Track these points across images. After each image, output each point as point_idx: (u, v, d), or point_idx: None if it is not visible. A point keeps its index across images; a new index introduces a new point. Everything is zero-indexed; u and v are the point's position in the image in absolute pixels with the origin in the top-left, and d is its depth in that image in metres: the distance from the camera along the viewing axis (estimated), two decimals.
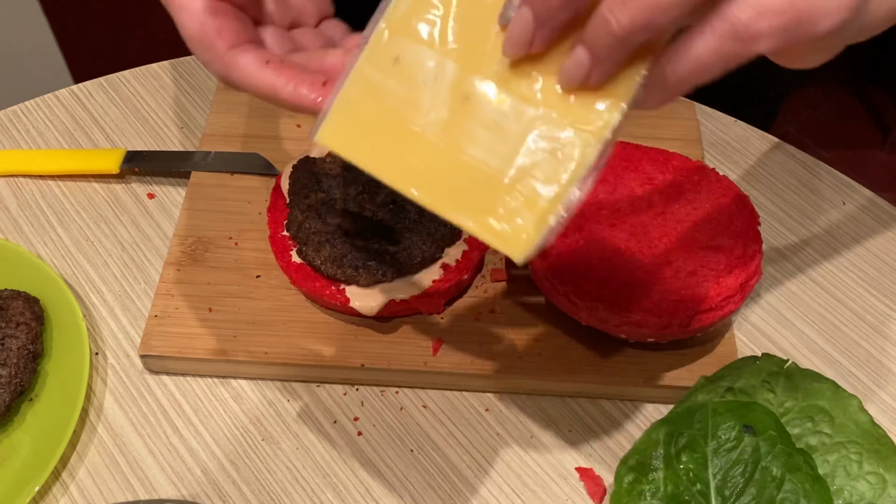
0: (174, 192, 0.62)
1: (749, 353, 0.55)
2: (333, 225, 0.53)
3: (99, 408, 0.53)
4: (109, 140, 0.65)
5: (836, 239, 0.61)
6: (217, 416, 0.52)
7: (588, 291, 0.50)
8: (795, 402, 0.49)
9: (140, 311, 0.56)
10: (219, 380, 0.54)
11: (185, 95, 0.68)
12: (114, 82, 0.68)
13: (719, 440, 0.47)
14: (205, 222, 0.58)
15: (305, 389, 0.53)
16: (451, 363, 0.53)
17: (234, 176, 0.61)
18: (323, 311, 0.55)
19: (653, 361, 0.53)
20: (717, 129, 0.67)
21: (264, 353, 0.53)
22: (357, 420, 0.52)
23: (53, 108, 0.67)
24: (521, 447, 0.52)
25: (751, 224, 0.53)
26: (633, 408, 0.53)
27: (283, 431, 0.52)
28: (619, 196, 0.55)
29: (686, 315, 0.49)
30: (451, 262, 0.54)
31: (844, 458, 0.48)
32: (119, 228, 0.60)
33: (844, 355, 0.55)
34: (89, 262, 0.58)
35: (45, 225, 0.60)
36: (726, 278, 0.51)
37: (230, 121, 0.64)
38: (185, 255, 0.57)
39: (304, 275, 0.53)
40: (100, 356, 0.55)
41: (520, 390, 0.53)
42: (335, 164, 0.56)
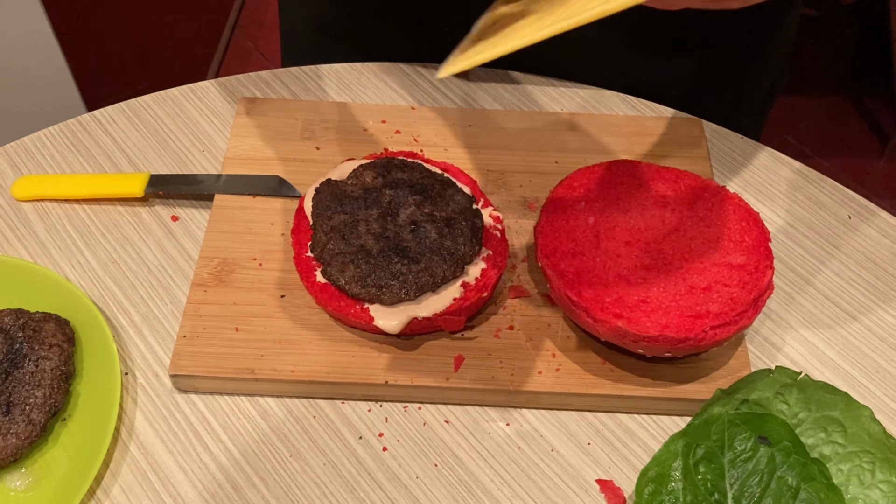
0: (197, 214, 0.64)
1: (761, 365, 0.57)
2: (356, 246, 0.55)
3: (130, 426, 0.54)
4: (132, 164, 0.66)
5: (842, 252, 0.63)
6: (245, 433, 0.54)
7: (607, 309, 0.51)
8: (809, 413, 0.51)
9: (167, 331, 0.58)
10: (246, 397, 0.55)
11: (205, 119, 0.69)
12: (134, 107, 0.70)
13: (735, 451, 0.49)
14: (229, 244, 0.60)
15: (331, 406, 0.55)
16: (473, 379, 0.54)
17: (256, 198, 0.63)
18: (347, 329, 0.56)
19: (669, 375, 0.55)
20: (724, 145, 0.69)
21: (291, 370, 0.54)
22: (382, 436, 0.54)
23: (77, 134, 0.68)
24: (542, 460, 0.53)
25: (761, 240, 0.55)
26: (650, 420, 0.55)
27: (310, 447, 0.53)
28: (633, 214, 0.57)
29: (701, 330, 0.51)
30: (471, 280, 0.55)
31: (858, 467, 0.50)
32: (144, 251, 0.62)
33: (855, 366, 0.57)
34: (116, 284, 0.60)
35: (72, 248, 0.62)
36: (739, 294, 0.52)
37: (250, 144, 0.66)
38: (211, 277, 0.58)
39: (328, 295, 0.55)
40: (129, 376, 0.56)
41: (540, 405, 0.55)
42: (357, 186, 0.58)
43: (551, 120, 0.68)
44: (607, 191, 0.58)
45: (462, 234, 0.55)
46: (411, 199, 0.57)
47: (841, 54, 2.04)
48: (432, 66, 0.73)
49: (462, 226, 0.56)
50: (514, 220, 0.62)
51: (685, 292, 0.52)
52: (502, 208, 0.62)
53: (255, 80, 0.72)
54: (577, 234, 0.55)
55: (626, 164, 0.60)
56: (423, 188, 0.57)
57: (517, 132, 0.67)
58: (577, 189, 0.58)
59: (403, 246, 0.55)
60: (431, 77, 0.72)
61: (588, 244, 0.55)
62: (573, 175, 0.59)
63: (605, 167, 0.59)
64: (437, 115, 0.68)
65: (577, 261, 0.54)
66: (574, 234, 0.55)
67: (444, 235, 0.55)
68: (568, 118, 0.68)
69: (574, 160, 0.65)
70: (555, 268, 0.54)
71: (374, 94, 0.71)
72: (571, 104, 0.71)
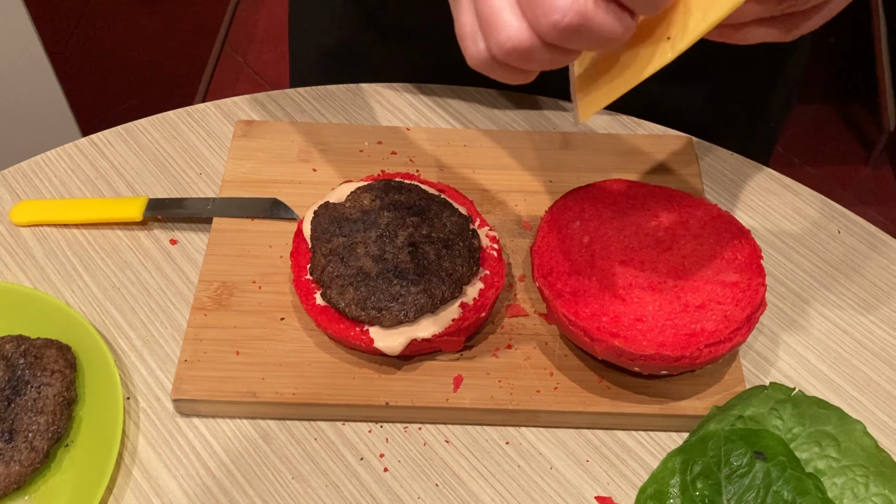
0: (196, 237, 0.64)
1: (755, 380, 0.58)
2: (356, 268, 0.55)
3: (133, 451, 0.54)
4: (130, 188, 0.67)
5: (833, 267, 0.64)
6: (248, 456, 0.54)
7: (603, 328, 0.52)
8: (803, 428, 0.52)
9: (168, 355, 0.58)
10: (248, 420, 0.56)
11: (202, 142, 0.70)
12: (131, 130, 0.71)
13: (732, 466, 0.50)
14: (228, 267, 0.61)
15: (332, 428, 0.55)
16: (472, 399, 0.55)
17: (254, 221, 0.63)
18: (346, 351, 0.57)
19: (665, 392, 0.55)
20: (715, 161, 0.70)
21: (292, 393, 0.55)
22: (383, 456, 0.54)
23: (74, 158, 0.69)
24: (541, 478, 0.54)
25: (753, 258, 0.56)
26: (647, 437, 0.56)
27: (312, 469, 0.54)
28: (627, 234, 0.57)
29: (697, 348, 0.51)
30: (470, 300, 0.56)
31: (851, 480, 0.51)
32: (144, 275, 0.62)
33: (847, 380, 0.58)
34: (116, 309, 0.60)
35: (71, 273, 0.62)
36: (733, 311, 0.53)
37: (248, 167, 0.66)
38: (211, 300, 0.59)
39: (328, 317, 0.55)
40: (131, 400, 0.56)
41: (538, 423, 0.56)
42: (354, 209, 0.58)
43: (545, 139, 0.69)
44: (601, 210, 0.59)
45: (460, 254, 0.56)
46: (409, 221, 0.57)
47: (825, 63, 2.06)
48: (426, 86, 0.74)
49: (459, 247, 0.57)
50: (510, 240, 0.63)
51: (680, 311, 0.53)
52: (498, 227, 0.63)
53: (250, 102, 0.73)
54: (573, 254, 0.56)
55: (619, 184, 0.61)
56: (420, 210, 0.58)
57: (511, 151, 0.68)
58: (572, 208, 0.59)
59: (402, 268, 0.55)
60: (426, 97, 0.73)
61: (584, 263, 0.56)
62: (568, 195, 0.60)
63: (598, 186, 0.60)
64: (433, 135, 0.69)
65: (574, 280, 0.55)
66: (570, 254, 0.56)
67: (441, 257, 0.56)
68: (561, 137, 0.69)
69: (568, 179, 0.66)
70: (552, 288, 0.55)
71: (370, 115, 0.72)
72: (564, 123, 0.72)
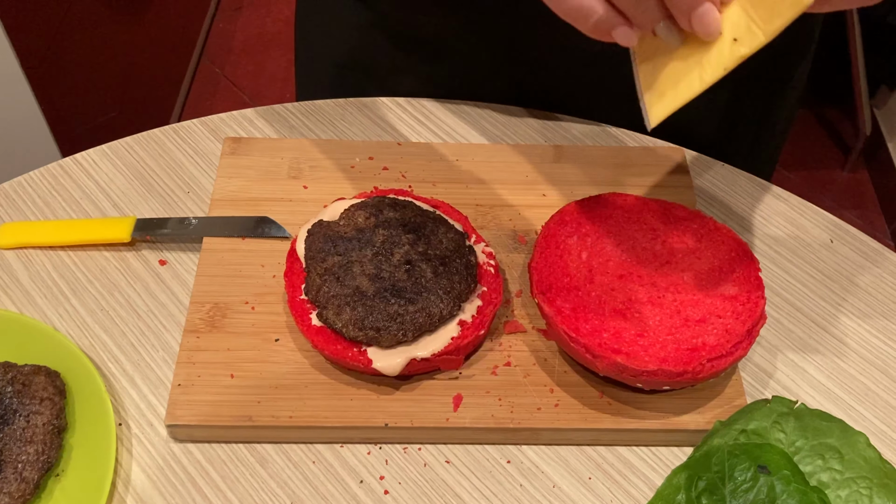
0: (185, 257, 0.63)
1: (756, 393, 0.58)
2: (352, 287, 0.54)
3: (126, 479, 0.53)
4: (117, 207, 0.66)
5: (827, 277, 0.64)
6: (244, 481, 0.53)
7: (605, 344, 0.52)
8: (806, 441, 0.52)
9: (160, 379, 0.57)
10: (244, 445, 0.55)
11: (190, 160, 0.69)
12: (117, 149, 0.69)
13: (736, 481, 0.49)
14: (220, 288, 0.59)
15: (329, 450, 0.54)
16: (472, 418, 0.54)
17: (245, 240, 0.62)
18: (343, 371, 0.56)
19: (666, 407, 0.55)
20: (706, 172, 0.70)
21: (289, 416, 0.54)
22: (383, 479, 0.53)
23: (58, 178, 0.67)
24: (543, 497, 0.53)
25: (751, 270, 0.56)
26: (649, 453, 0.55)
27: (310, 494, 0.53)
28: (624, 248, 0.57)
29: (699, 363, 0.51)
30: (468, 318, 0.55)
31: (855, 493, 0.51)
32: (133, 297, 0.61)
33: (847, 391, 0.58)
34: (106, 332, 0.59)
35: (58, 296, 0.61)
36: (734, 325, 0.53)
37: (237, 185, 0.65)
38: (203, 322, 0.57)
39: (325, 338, 0.54)
40: (123, 427, 0.55)
41: (539, 441, 0.55)
42: (349, 227, 0.57)
43: (537, 153, 0.69)
44: (598, 224, 0.58)
45: (457, 272, 0.56)
46: (404, 239, 0.57)
47: None
48: (416, 100, 0.73)
49: (457, 263, 0.56)
50: (506, 255, 0.62)
51: (681, 325, 0.53)
52: (492, 242, 0.63)
53: (237, 119, 0.72)
54: (571, 270, 0.56)
55: (614, 197, 0.60)
56: (415, 227, 0.57)
57: (504, 165, 0.68)
58: (569, 224, 0.58)
59: (399, 286, 0.54)
60: (415, 111, 0.73)
61: (582, 279, 0.55)
62: (564, 210, 0.59)
63: (594, 201, 0.60)
64: (424, 150, 0.68)
65: (573, 296, 0.55)
66: (568, 270, 0.56)
67: (439, 274, 0.55)
68: (553, 151, 0.69)
69: (561, 192, 0.66)
70: (551, 304, 0.54)
71: (360, 131, 0.71)
72: (555, 136, 0.71)
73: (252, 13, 2.24)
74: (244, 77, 2.10)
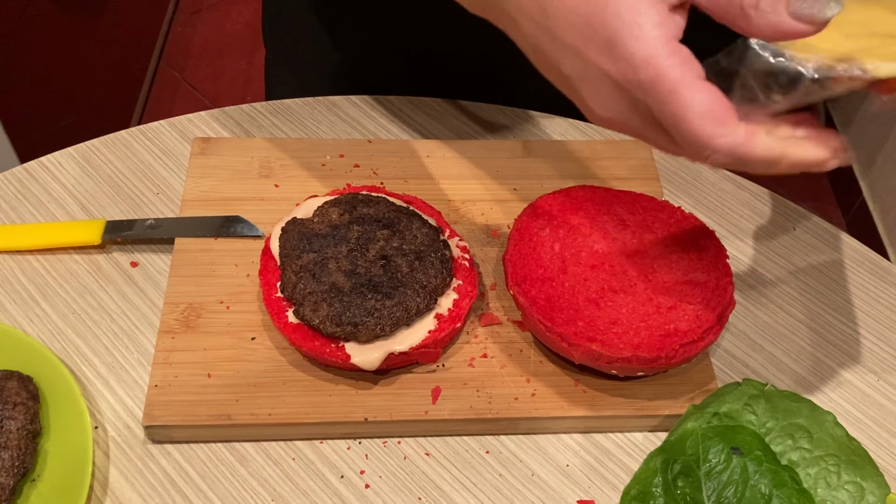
0: (157, 258, 0.62)
1: (726, 378, 0.59)
2: (328, 284, 0.55)
3: (104, 482, 0.52)
4: (85, 210, 0.65)
5: (790, 262, 0.66)
6: (225, 481, 0.53)
7: (580, 333, 0.53)
8: (776, 422, 0.53)
9: (136, 381, 0.57)
10: (223, 444, 0.54)
11: (158, 161, 0.68)
12: (83, 151, 0.68)
13: (710, 463, 0.51)
14: (194, 288, 0.59)
15: (309, 447, 0.55)
16: (451, 410, 0.55)
17: (218, 240, 0.62)
18: (321, 368, 0.56)
19: (640, 393, 0.56)
20: (671, 163, 0.71)
21: (268, 414, 0.54)
22: (363, 473, 0.54)
23: (24, 181, 0.66)
24: (523, 485, 0.54)
25: (719, 257, 0.57)
26: (624, 439, 0.56)
27: (291, 490, 0.53)
28: (595, 239, 0.58)
29: (672, 348, 0.52)
30: (444, 311, 0.56)
31: (824, 470, 0.52)
32: (105, 299, 0.60)
33: (812, 374, 0.60)
34: (78, 336, 0.58)
35: (28, 301, 0.60)
36: (704, 311, 0.54)
37: (207, 185, 0.65)
38: (178, 323, 0.57)
39: (302, 335, 0.54)
40: (100, 430, 0.55)
41: (517, 430, 0.56)
42: (323, 224, 0.58)
43: (506, 148, 0.69)
44: (569, 217, 0.59)
45: (432, 266, 0.56)
46: (379, 234, 0.57)
47: None
48: (384, 98, 0.74)
49: (432, 258, 0.56)
50: (479, 249, 0.63)
51: (653, 312, 0.54)
52: (466, 237, 0.63)
53: (205, 119, 0.71)
54: (545, 261, 0.57)
55: (584, 190, 0.61)
56: (389, 222, 0.58)
57: (474, 161, 0.68)
58: (541, 216, 0.59)
59: (375, 281, 0.55)
60: (384, 108, 0.73)
61: (556, 270, 0.56)
62: (536, 203, 0.60)
63: (564, 194, 0.61)
64: (395, 146, 0.69)
65: (547, 287, 0.55)
66: (542, 261, 0.57)
67: (414, 269, 0.56)
68: (522, 146, 0.70)
69: (532, 186, 0.67)
70: (526, 295, 0.55)
71: (329, 129, 0.71)
72: (523, 132, 0.72)
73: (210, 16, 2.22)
74: (204, 80, 2.08)
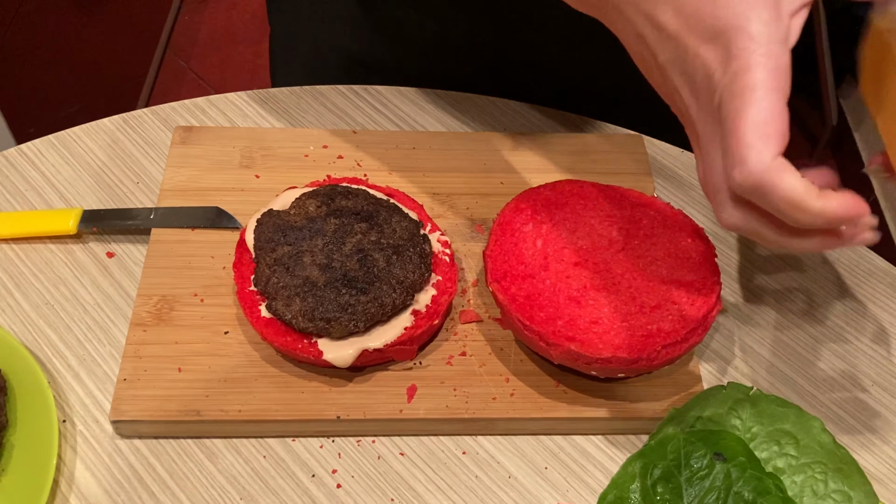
0: (134, 249, 0.61)
1: (713, 379, 0.57)
2: (302, 278, 0.53)
3: (70, 477, 0.51)
4: (63, 199, 0.64)
5: (781, 260, 0.64)
6: (193, 478, 0.52)
7: (559, 332, 0.51)
8: (762, 427, 0.51)
9: (106, 374, 0.55)
10: (192, 440, 0.53)
11: (139, 150, 0.67)
12: (64, 139, 0.67)
13: (692, 469, 0.49)
14: (168, 280, 0.58)
15: (281, 444, 0.53)
16: (427, 409, 0.53)
17: (195, 231, 0.61)
18: (295, 364, 0.55)
19: (622, 394, 0.54)
20: (665, 159, 0.69)
21: (238, 410, 0.52)
22: (335, 472, 0.52)
23: (2, 169, 0.65)
24: (499, 488, 0.52)
25: (707, 256, 0.55)
26: (605, 442, 0.55)
27: (261, 489, 0.51)
28: (580, 235, 0.56)
29: (653, 349, 0.51)
30: (422, 308, 0.54)
31: (811, 478, 0.50)
32: (79, 290, 0.59)
33: (801, 375, 0.58)
34: (50, 327, 0.57)
35: (0, 291, 0.59)
36: (689, 311, 0.52)
37: (187, 175, 0.64)
38: (151, 315, 0.56)
39: (274, 329, 0.53)
40: (67, 423, 0.53)
41: (495, 431, 0.54)
42: (299, 216, 0.56)
43: (494, 140, 0.68)
44: (554, 212, 0.58)
45: (410, 261, 0.54)
46: (357, 228, 0.55)
47: None
48: (371, 88, 0.72)
49: (410, 253, 0.55)
50: (462, 244, 0.61)
51: (636, 311, 0.52)
52: (450, 231, 0.62)
53: (189, 108, 0.70)
54: (526, 258, 0.55)
55: (570, 184, 0.59)
56: (368, 215, 0.56)
57: (461, 153, 0.67)
58: (524, 211, 0.57)
59: (351, 276, 0.53)
60: (371, 99, 0.71)
61: (537, 267, 0.55)
62: (519, 197, 0.58)
63: (549, 188, 0.59)
64: (380, 138, 0.67)
65: (528, 284, 0.54)
66: (523, 258, 0.55)
67: (392, 263, 0.54)
68: (511, 138, 0.68)
69: (519, 180, 0.65)
70: (505, 292, 0.53)
71: (315, 119, 0.70)
72: (513, 124, 0.71)
73: (218, 6, 2.21)
74: (210, 70, 2.07)
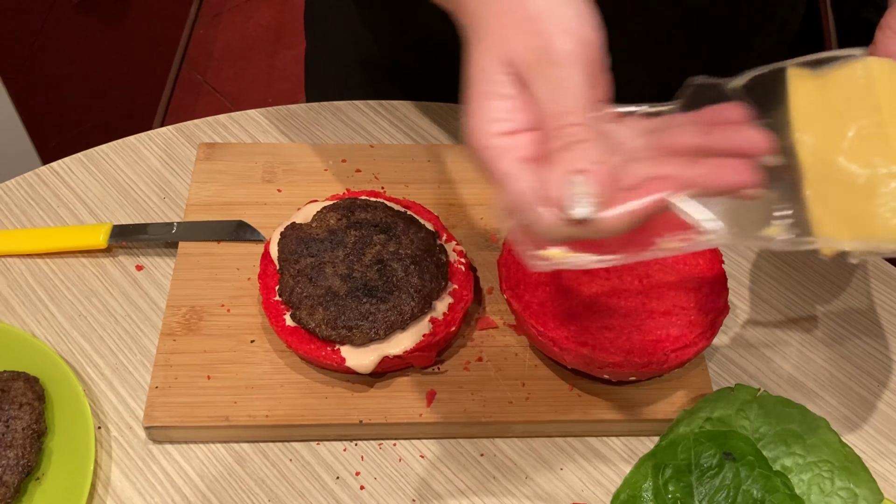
0: (161, 262, 0.64)
1: (722, 382, 0.59)
2: (324, 288, 0.56)
3: (106, 481, 0.54)
4: (93, 215, 0.66)
5: (787, 264, 0.65)
6: (223, 480, 0.54)
7: (572, 337, 0.53)
8: (769, 427, 0.53)
9: (138, 382, 0.58)
10: (221, 444, 0.56)
11: (165, 166, 0.69)
12: (93, 157, 0.70)
13: (702, 468, 0.51)
14: (196, 291, 0.60)
15: (306, 448, 0.56)
16: (445, 413, 0.55)
17: (221, 244, 0.63)
18: (318, 370, 0.57)
19: (634, 397, 0.56)
20: None
21: (265, 415, 0.55)
22: (358, 475, 0.55)
23: (35, 186, 0.68)
24: (516, 488, 0.54)
25: (715, 262, 0.57)
26: (619, 443, 0.56)
27: (287, 491, 0.54)
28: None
29: (664, 354, 0.52)
30: (439, 315, 0.56)
31: (817, 476, 0.52)
32: (110, 302, 0.62)
33: (809, 377, 0.60)
34: (84, 337, 0.60)
35: (36, 303, 0.61)
36: (698, 316, 0.54)
37: (212, 189, 0.66)
38: (180, 325, 0.58)
39: (298, 338, 0.55)
40: (102, 430, 0.56)
41: (511, 434, 0.56)
42: (321, 228, 0.59)
43: None
44: None
45: (428, 270, 0.57)
46: (376, 239, 0.58)
47: None
48: (388, 102, 0.74)
49: (427, 262, 0.57)
50: (478, 253, 0.63)
51: (646, 317, 0.54)
52: (465, 241, 0.64)
53: (211, 125, 0.72)
54: None
55: None
56: (386, 227, 0.58)
57: None
58: None
59: (371, 286, 0.56)
60: (388, 114, 0.74)
61: (549, 274, 0.57)
62: None
63: None
64: (397, 151, 0.69)
65: (541, 291, 0.56)
66: None
67: (410, 273, 0.56)
68: None
69: None
70: (519, 299, 0.55)
71: (332, 134, 0.72)
72: None
73: (232, 19, 2.25)
74: (226, 83, 2.10)
